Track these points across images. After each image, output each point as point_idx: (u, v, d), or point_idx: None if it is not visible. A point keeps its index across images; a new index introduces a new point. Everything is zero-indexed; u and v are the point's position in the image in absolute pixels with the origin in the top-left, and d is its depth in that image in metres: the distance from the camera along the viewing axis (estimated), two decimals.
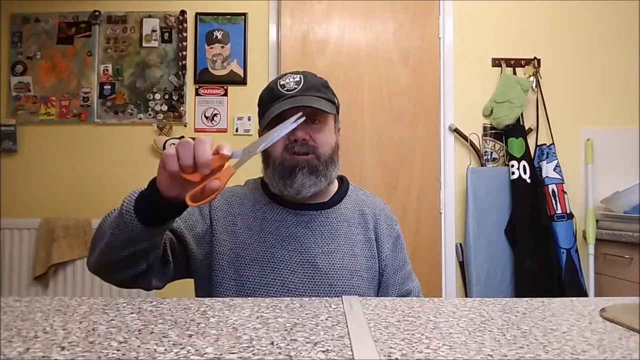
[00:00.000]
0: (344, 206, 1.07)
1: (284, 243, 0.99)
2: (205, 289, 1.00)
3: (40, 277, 2.46)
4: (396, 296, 1.04)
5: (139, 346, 0.46)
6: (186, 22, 2.62)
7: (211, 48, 2.62)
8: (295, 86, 1.00)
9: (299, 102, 0.97)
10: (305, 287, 0.95)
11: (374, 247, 1.04)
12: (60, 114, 2.60)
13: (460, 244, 2.51)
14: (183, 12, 2.62)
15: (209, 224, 1.01)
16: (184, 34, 2.61)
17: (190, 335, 0.50)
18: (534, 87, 2.54)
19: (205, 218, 1.02)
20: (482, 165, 2.54)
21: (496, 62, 2.59)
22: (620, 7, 2.59)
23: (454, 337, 0.51)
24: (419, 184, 2.53)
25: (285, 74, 1.04)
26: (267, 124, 0.99)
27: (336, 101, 1.06)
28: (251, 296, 0.95)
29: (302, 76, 1.03)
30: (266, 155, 1.03)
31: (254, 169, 1.08)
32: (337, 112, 1.08)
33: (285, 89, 1.00)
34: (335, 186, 1.10)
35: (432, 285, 2.47)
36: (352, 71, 2.56)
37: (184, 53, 2.60)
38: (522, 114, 2.53)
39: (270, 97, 1.01)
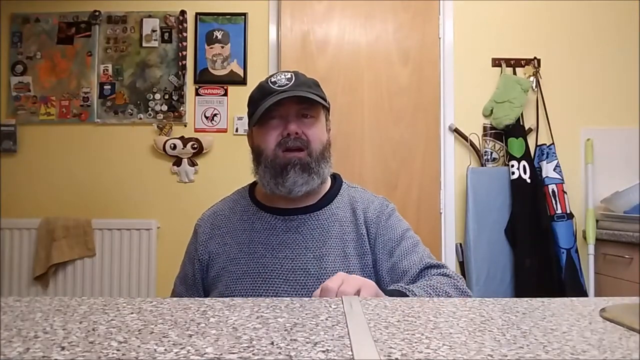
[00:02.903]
0: (335, 206, 1.04)
1: (274, 252, 0.98)
2: None
3: (40, 277, 2.46)
4: (391, 280, 0.97)
5: (139, 346, 0.46)
6: (186, 22, 2.62)
7: (211, 48, 2.62)
8: (287, 82, 1.00)
9: (292, 94, 0.97)
10: (299, 294, 0.94)
11: (366, 242, 1.01)
12: (60, 114, 2.60)
13: (460, 244, 2.51)
14: (183, 12, 2.62)
15: (203, 259, 1.03)
16: (184, 34, 2.61)
17: (190, 335, 0.50)
18: (534, 87, 2.54)
19: (194, 262, 1.04)
20: (482, 165, 2.54)
21: (496, 62, 2.59)
22: (620, 7, 2.59)
23: (454, 337, 0.51)
24: (419, 184, 2.53)
25: (276, 73, 1.04)
26: (259, 119, 0.99)
27: (327, 100, 1.05)
28: None
29: (293, 74, 1.03)
30: (258, 152, 1.02)
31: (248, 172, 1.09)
32: (328, 112, 1.08)
33: (277, 85, 1.00)
34: (327, 185, 1.08)
35: None
36: (352, 71, 2.56)
37: (184, 53, 2.60)
38: (522, 114, 2.53)
39: (261, 94, 1.00)
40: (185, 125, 2.60)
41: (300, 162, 0.97)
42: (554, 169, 2.42)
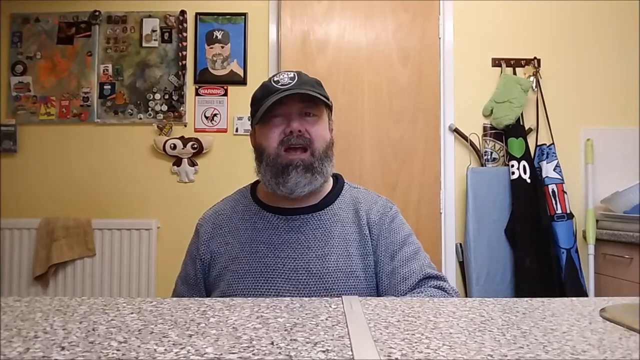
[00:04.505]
0: (337, 206, 1.04)
1: (276, 251, 0.98)
2: None
3: (40, 277, 2.46)
4: (389, 284, 0.97)
5: (139, 346, 0.46)
6: (186, 22, 2.62)
7: (211, 48, 2.62)
8: (290, 81, 1.00)
9: (295, 92, 0.97)
10: (301, 293, 0.94)
11: (369, 243, 1.01)
12: (60, 114, 2.60)
13: (460, 244, 2.51)
14: (183, 12, 2.62)
15: (204, 258, 1.03)
16: (184, 34, 2.61)
17: (190, 335, 0.50)
18: (534, 87, 2.54)
19: (196, 261, 1.04)
20: (482, 165, 2.54)
21: (496, 62, 2.59)
22: (620, 7, 2.59)
23: (454, 337, 0.51)
24: (419, 184, 2.53)
25: (279, 72, 1.05)
26: (261, 117, 0.99)
27: (330, 99, 1.05)
28: None
29: (296, 73, 1.03)
30: (260, 151, 1.02)
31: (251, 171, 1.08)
32: (331, 111, 1.08)
33: (280, 84, 1.00)
34: (329, 185, 1.08)
35: None
36: (352, 71, 2.56)
37: (184, 53, 2.60)
38: (522, 114, 2.53)
39: (264, 93, 1.01)
40: (185, 125, 2.60)
41: (303, 163, 0.97)
42: (554, 169, 2.42)
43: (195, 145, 2.54)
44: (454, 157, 2.56)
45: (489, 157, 2.56)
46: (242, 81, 2.59)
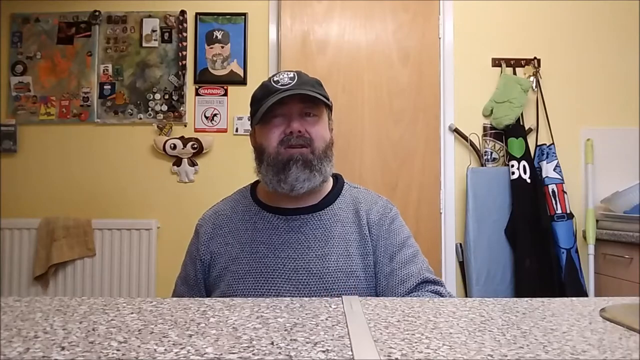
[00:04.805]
0: (337, 206, 1.04)
1: (276, 251, 0.98)
2: None
3: (40, 277, 2.46)
4: (387, 285, 0.98)
5: (139, 346, 0.46)
6: (186, 22, 2.62)
7: (211, 48, 2.62)
8: (290, 81, 1.00)
9: (295, 92, 0.97)
10: (301, 293, 0.94)
11: (369, 243, 1.01)
12: (60, 114, 2.60)
13: (460, 244, 2.51)
14: (183, 12, 2.62)
15: (204, 259, 1.03)
16: (184, 34, 2.61)
17: (190, 335, 0.50)
18: (534, 87, 2.54)
19: (196, 262, 1.04)
20: (482, 165, 2.54)
21: (496, 62, 2.59)
22: (620, 7, 2.59)
23: (454, 337, 0.51)
24: (419, 184, 2.53)
25: (279, 72, 1.05)
26: (262, 117, 0.99)
27: (330, 99, 1.05)
28: None
29: (296, 73, 1.03)
30: (260, 151, 1.02)
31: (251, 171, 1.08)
32: (331, 111, 1.08)
33: (280, 84, 1.00)
34: (329, 185, 1.08)
35: None
36: (352, 71, 2.56)
37: (184, 53, 2.60)
38: (522, 114, 2.53)
39: (264, 93, 1.01)
40: (185, 125, 2.60)
41: (303, 157, 0.97)
42: (554, 169, 2.42)
43: (195, 145, 2.54)
44: (454, 157, 2.56)
45: (489, 157, 2.56)
46: (242, 81, 2.59)
